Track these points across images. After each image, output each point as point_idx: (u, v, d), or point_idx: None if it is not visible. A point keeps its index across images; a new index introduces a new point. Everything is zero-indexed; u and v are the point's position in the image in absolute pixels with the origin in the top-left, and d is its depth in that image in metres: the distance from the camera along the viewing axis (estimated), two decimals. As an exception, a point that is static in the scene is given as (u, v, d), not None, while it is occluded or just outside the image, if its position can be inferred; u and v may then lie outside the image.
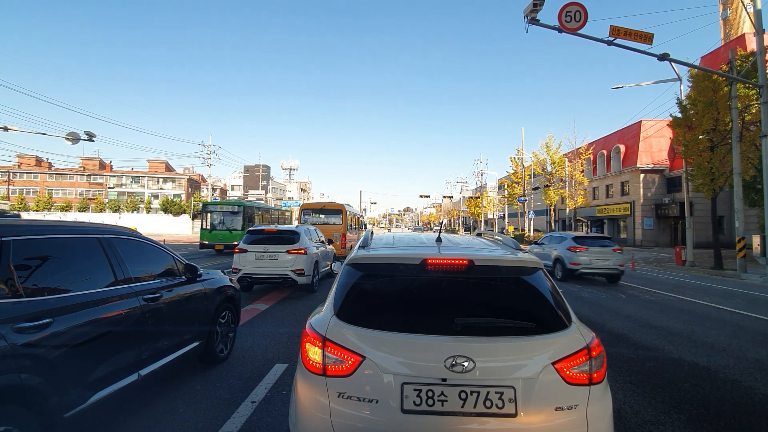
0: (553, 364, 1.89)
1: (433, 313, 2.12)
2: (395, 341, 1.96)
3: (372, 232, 3.04)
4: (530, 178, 40.99)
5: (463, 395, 1.83)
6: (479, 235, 3.44)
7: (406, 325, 2.01)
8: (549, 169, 38.19)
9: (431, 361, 1.86)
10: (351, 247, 17.23)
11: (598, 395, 1.94)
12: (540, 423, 1.82)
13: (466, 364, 1.83)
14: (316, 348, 2.01)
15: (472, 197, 62.90)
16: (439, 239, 2.75)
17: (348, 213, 18.41)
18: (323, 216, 17.39)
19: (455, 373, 1.83)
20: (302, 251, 8.71)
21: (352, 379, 1.92)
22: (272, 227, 9.46)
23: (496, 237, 3.13)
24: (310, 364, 2.02)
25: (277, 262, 8.62)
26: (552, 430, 1.82)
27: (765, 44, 13.57)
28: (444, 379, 1.85)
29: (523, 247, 3.48)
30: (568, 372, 1.90)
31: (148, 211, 68.94)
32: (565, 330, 2.02)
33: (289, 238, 8.91)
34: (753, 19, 14.19)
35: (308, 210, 17.84)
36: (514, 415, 1.81)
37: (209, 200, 50.00)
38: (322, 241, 11.13)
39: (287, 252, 8.63)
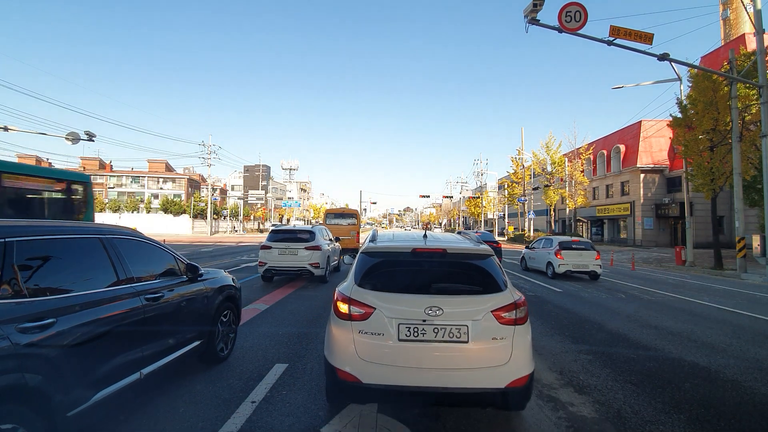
0: (492, 312, 2.92)
1: (419, 281, 3.21)
2: (394, 298, 3.00)
3: (377, 231, 4.13)
4: (530, 178, 40.99)
5: (435, 330, 2.86)
6: (459, 233, 4.87)
7: (402, 288, 3.10)
8: (549, 169, 38.21)
9: (416, 309, 2.89)
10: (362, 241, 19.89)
11: (521, 332, 2.95)
12: (482, 346, 2.86)
13: (438, 311, 2.86)
14: (345, 305, 3.03)
15: (472, 197, 62.89)
16: (425, 236, 3.76)
17: (361, 216, 24.32)
18: (342, 218, 21.81)
19: (431, 316, 2.86)
20: (317, 248, 10.33)
21: (367, 322, 2.93)
22: (292, 227, 11.15)
23: (468, 235, 4.44)
24: (341, 313, 3.03)
25: (297, 257, 10.20)
26: (490, 352, 2.85)
27: (765, 44, 13.58)
28: (424, 320, 2.87)
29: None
30: (501, 316, 2.91)
31: (148, 211, 68.82)
32: (501, 292, 3.07)
33: (306, 237, 10.56)
34: (753, 19, 14.19)
35: (330, 214, 22.43)
36: (467, 342, 2.84)
37: (209, 200, 50.09)
38: (331, 239, 12.50)
39: (305, 248, 10.24)
